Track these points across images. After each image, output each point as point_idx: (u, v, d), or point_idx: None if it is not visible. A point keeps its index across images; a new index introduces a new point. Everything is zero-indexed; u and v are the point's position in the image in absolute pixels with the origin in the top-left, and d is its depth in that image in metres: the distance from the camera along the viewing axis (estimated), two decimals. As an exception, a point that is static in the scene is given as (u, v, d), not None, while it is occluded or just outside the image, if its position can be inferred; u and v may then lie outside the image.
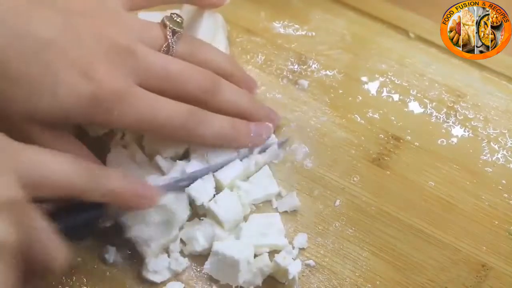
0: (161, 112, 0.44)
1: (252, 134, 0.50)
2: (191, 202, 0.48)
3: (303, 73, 0.59)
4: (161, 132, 0.46)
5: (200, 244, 0.47)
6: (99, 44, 0.43)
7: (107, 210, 0.44)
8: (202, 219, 0.48)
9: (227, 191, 0.49)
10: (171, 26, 0.47)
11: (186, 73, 0.46)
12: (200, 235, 0.47)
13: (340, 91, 0.58)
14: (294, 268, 0.46)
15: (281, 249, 0.48)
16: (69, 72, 0.41)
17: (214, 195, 0.48)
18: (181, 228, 0.48)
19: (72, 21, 0.42)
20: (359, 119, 0.56)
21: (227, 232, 0.48)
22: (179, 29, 0.48)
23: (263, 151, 0.52)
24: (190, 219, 0.49)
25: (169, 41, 0.47)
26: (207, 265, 0.47)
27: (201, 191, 0.48)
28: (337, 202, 0.52)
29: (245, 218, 0.49)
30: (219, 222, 0.48)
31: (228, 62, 0.52)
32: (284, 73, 0.59)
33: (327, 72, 0.59)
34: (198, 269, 0.48)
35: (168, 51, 0.47)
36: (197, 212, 0.49)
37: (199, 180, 0.48)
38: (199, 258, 0.48)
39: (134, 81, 0.44)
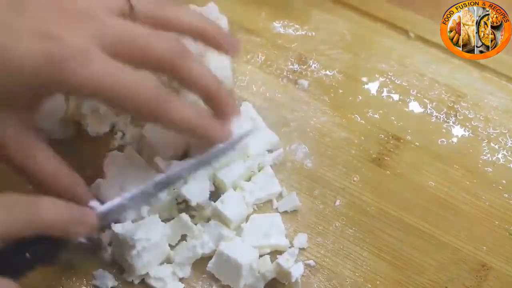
0: (126, 81, 0.42)
1: (220, 129, 0.47)
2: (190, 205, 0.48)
3: (303, 73, 0.59)
4: (125, 104, 0.42)
5: (207, 246, 0.47)
6: (58, 10, 0.41)
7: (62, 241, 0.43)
8: (209, 222, 0.48)
9: (231, 191, 0.49)
10: None
11: (151, 38, 0.44)
12: (207, 237, 0.47)
13: (340, 91, 0.58)
14: (296, 270, 0.46)
15: (282, 249, 0.48)
16: (26, 39, 0.39)
17: (209, 196, 0.48)
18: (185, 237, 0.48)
19: None
20: (359, 119, 0.56)
21: (234, 232, 0.48)
22: None
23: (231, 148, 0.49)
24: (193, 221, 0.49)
25: (131, 1, 0.45)
26: (211, 264, 0.47)
27: (195, 192, 0.47)
28: (337, 202, 0.52)
29: (246, 219, 0.49)
30: (226, 222, 0.48)
31: (201, 18, 0.49)
32: (284, 73, 0.59)
33: (327, 72, 0.59)
34: (198, 269, 0.48)
35: (131, 10, 0.45)
36: (200, 215, 0.49)
37: (192, 181, 0.47)
38: (201, 258, 0.48)
39: (96, 46, 0.41)
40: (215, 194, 0.49)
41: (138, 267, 0.45)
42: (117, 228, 0.45)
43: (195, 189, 0.47)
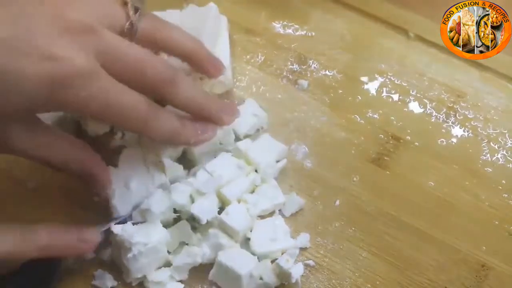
0: (124, 100, 0.43)
1: (199, 132, 0.50)
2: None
3: (303, 73, 0.59)
4: (117, 122, 0.45)
5: (206, 255, 0.47)
6: (57, 25, 0.41)
7: (61, 261, 0.45)
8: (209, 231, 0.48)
9: (235, 204, 0.48)
10: (132, 3, 0.46)
11: (147, 60, 0.45)
12: (206, 246, 0.47)
13: (340, 91, 0.58)
14: (296, 271, 0.46)
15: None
16: (29, 60, 0.39)
17: (220, 213, 0.48)
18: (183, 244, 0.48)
19: (28, 11, 0.41)
20: (359, 119, 0.56)
21: (237, 243, 0.48)
22: (139, 5, 0.46)
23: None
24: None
25: (132, 19, 0.45)
26: (212, 274, 0.47)
27: (204, 210, 0.47)
28: (337, 202, 0.52)
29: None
30: (231, 233, 0.47)
31: (193, 41, 0.51)
32: (284, 73, 0.59)
33: (327, 72, 0.59)
34: (199, 276, 0.48)
35: (131, 29, 0.46)
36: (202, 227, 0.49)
37: (202, 199, 0.48)
38: (200, 265, 0.48)
39: (97, 63, 0.42)
40: (220, 208, 0.49)
41: (133, 270, 0.46)
42: (116, 229, 0.45)
43: (204, 207, 0.47)
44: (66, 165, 0.45)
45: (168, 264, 0.47)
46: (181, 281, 0.47)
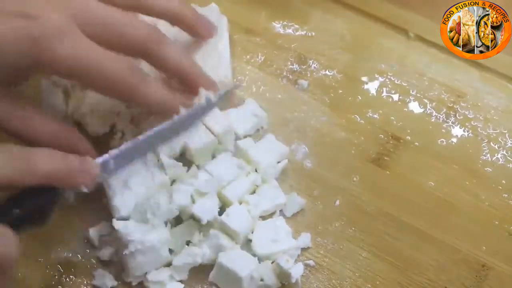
0: (101, 59, 0.43)
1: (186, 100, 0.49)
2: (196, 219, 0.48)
3: (303, 73, 0.59)
4: (98, 82, 0.44)
5: (207, 256, 0.47)
6: None
7: (61, 190, 0.43)
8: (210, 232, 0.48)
9: (236, 205, 0.48)
10: None
11: (130, 22, 0.45)
12: (206, 247, 0.47)
13: (340, 91, 0.58)
14: (296, 271, 0.46)
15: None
16: (4, 19, 0.40)
17: (220, 213, 0.48)
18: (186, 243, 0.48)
19: None
20: (359, 119, 0.56)
21: (238, 244, 0.48)
22: None
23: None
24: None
25: None
26: (212, 275, 0.47)
27: (205, 210, 0.47)
28: (337, 202, 0.52)
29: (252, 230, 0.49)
30: (232, 234, 0.47)
31: (179, 2, 0.50)
32: (284, 73, 0.59)
33: (327, 72, 0.59)
34: (199, 276, 0.48)
35: None
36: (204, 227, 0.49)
37: (203, 199, 0.48)
38: (200, 265, 0.48)
39: (74, 24, 0.42)
40: (221, 209, 0.49)
41: (131, 267, 0.46)
42: (117, 224, 0.45)
43: (205, 207, 0.47)
44: (43, 140, 0.44)
45: (168, 264, 0.47)
46: (181, 281, 0.47)
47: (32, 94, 0.52)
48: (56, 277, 0.47)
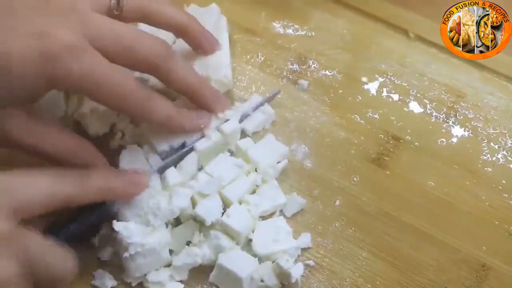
0: (116, 78, 0.43)
1: (194, 121, 0.50)
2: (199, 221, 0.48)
3: (303, 73, 0.59)
4: (113, 99, 0.44)
5: (207, 256, 0.47)
6: (48, 9, 0.42)
7: (107, 206, 0.45)
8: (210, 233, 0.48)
9: (236, 205, 0.48)
10: None
11: (137, 37, 0.45)
12: (206, 247, 0.47)
13: (340, 91, 0.58)
14: (296, 271, 0.46)
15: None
16: (15, 38, 0.40)
17: (222, 213, 0.48)
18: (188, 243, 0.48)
19: None
20: (359, 119, 0.56)
21: (239, 245, 0.48)
22: None
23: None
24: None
25: None
26: (212, 276, 0.47)
27: (209, 211, 0.47)
28: (337, 202, 0.52)
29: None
30: (233, 235, 0.47)
31: (185, 14, 0.51)
32: (284, 73, 0.59)
33: (327, 72, 0.59)
34: (199, 277, 0.48)
35: (117, 6, 0.46)
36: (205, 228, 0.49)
37: (205, 200, 0.48)
38: (200, 266, 0.48)
39: (86, 41, 0.43)
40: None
41: (130, 269, 0.46)
42: (117, 226, 0.45)
43: (209, 208, 0.47)
44: (61, 156, 0.45)
45: (168, 264, 0.47)
46: (181, 281, 0.47)
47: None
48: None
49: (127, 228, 0.45)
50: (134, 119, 0.52)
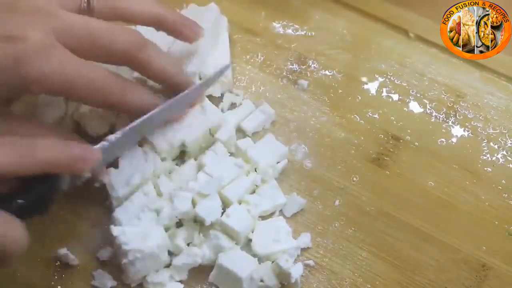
0: (89, 73, 0.43)
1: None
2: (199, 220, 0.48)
3: (303, 73, 0.59)
4: (90, 95, 0.44)
5: (207, 256, 0.47)
6: (17, 11, 0.42)
7: (61, 177, 0.43)
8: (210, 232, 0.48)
9: (236, 205, 0.48)
10: None
11: (109, 31, 0.45)
12: (206, 247, 0.47)
13: (340, 91, 0.58)
14: (296, 271, 0.46)
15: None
16: None
17: (222, 213, 0.48)
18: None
19: None
20: (359, 119, 0.56)
21: (238, 244, 0.48)
22: None
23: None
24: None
25: None
26: (212, 276, 0.47)
27: (209, 211, 0.47)
28: (337, 202, 0.52)
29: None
30: (233, 235, 0.47)
31: (157, 5, 0.50)
32: (284, 73, 0.59)
33: (327, 72, 0.59)
34: (199, 277, 0.48)
35: (88, 6, 0.46)
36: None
37: (205, 200, 0.48)
38: (200, 266, 0.48)
39: (57, 40, 0.42)
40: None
41: (130, 273, 0.45)
42: (116, 231, 0.45)
43: (208, 208, 0.47)
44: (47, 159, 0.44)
45: (168, 265, 0.47)
46: (180, 282, 0.47)
47: (32, 96, 0.52)
48: (56, 277, 0.47)
49: (125, 234, 0.45)
50: (116, 112, 0.52)
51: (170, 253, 0.47)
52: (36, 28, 0.41)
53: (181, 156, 0.52)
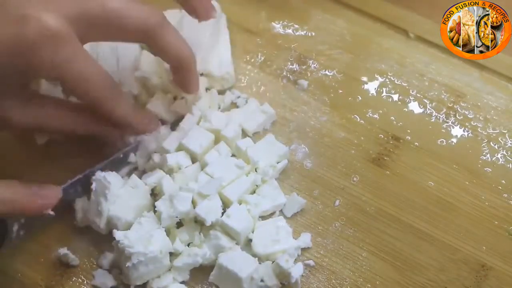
0: (88, 75, 0.44)
1: (146, 122, 0.50)
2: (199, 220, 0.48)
3: (303, 73, 0.59)
4: (80, 95, 0.45)
5: (207, 256, 0.47)
6: None
7: (10, 223, 0.44)
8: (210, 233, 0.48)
9: (236, 205, 0.48)
10: None
11: (127, 4, 0.45)
12: (206, 247, 0.47)
13: (340, 91, 0.58)
14: (296, 271, 0.46)
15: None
16: (4, 22, 0.40)
17: (222, 213, 0.48)
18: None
19: None
20: (359, 119, 0.56)
21: (239, 245, 0.48)
22: None
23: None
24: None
25: None
26: (212, 276, 0.47)
27: (209, 211, 0.47)
28: (337, 202, 0.52)
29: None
30: (233, 235, 0.47)
31: None
32: (284, 73, 0.59)
33: (327, 72, 0.59)
34: (200, 277, 0.48)
35: None
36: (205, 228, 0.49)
37: (206, 201, 0.47)
38: (201, 266, 0.48)
39: (71, 25, 0.42)
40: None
41: (133, 278, 0.45)
42: (118, 235, 0.45)
43: (208, 208, 0.47)
44: (69, 130, 0.47)
45: (169, 268, 0.47)
46: (183, 282, 0.47)
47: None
48: (56, 277, 0.47)
49: (128, 237, 0.45)
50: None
51: (171, 254, 0.47)
52: (52, 10, 0.41)
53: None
